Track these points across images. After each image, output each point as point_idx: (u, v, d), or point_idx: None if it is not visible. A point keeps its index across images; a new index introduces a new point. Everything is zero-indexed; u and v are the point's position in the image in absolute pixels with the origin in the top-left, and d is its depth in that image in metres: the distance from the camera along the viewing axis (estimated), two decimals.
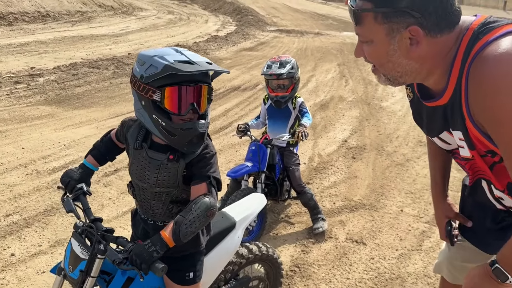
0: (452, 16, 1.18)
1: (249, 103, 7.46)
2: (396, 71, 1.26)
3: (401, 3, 1.13)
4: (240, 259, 2.18)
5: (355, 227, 3.65)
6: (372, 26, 1.19)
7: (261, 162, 3.30)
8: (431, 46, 1.19)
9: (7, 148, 4.97)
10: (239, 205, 2.28)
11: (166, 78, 1.52)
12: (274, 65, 3.48)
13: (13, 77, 7.99)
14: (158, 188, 1.71)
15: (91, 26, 15.54)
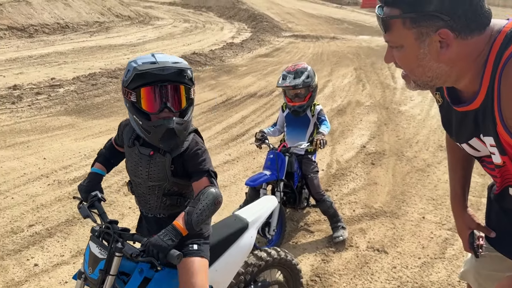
0: (482, 18, 1.16)
1: (266, 109, 7.46)
2: (427, 76, 1.24)
3: (429, 7, 1.12)
4: (259, 262, 2.22)
5: (376, 235, 3.60)
6: (401, 31, 1.19)
7: (280, 171, 3.29)
8: (461, 48, 1.17)
9: (30, 159, 5.06)
10: (250, 207, 2.33)
11: (139, 80, 1.65)
12: (289, 76, 3.46)
13: (34, 88, 8.17)
14: (150, 182, 1.83)
15: (109, 36, 15.79)
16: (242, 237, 2.09)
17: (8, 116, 6.74)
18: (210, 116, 7.06)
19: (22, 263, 3.15)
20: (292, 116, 3.63)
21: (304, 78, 3.42)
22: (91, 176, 1.99)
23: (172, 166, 1.79)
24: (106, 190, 4.31)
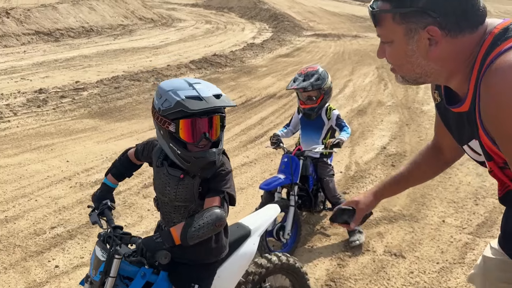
0: (474, 16, 1.14)
1: (285, 110, 7.45)
2: (416, 72, 1.24)
3: (418, 2, 1.12)
4: (259, 269, 2.23)
5: (394, 239, 3.56)
6: (391, 26, 1.19)
7: (294, 174, 3.28)
8: (451, 47, 1.16)
9: (53, 162, 5.20)
10: (253, 215, 2.35)
11: (179, 111, 1.66)
12: (299, 78, 3.45)
13: (59, 91, 8.38)
14: (177, 202, 1.86)
15: (132, 39, 16.05)
16: (245, 244, 2.12)
17: (34, 119, 6.94)
18: (229, 118, 7.09)
19: (44, 265, 3.25)
20: (305, 119, 3.62)
21: (314, 81, 3.40)
22: (103, 187, 2.07)
23: (200, 188, 1.82)
24: (126, 193, 4.40)
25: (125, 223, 3.80)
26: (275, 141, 3.51)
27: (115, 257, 1.74)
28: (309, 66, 3.59)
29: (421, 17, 1.13)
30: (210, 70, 10.77)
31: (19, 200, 4.24)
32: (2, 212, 4.02)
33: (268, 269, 2.26)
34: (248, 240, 2.13)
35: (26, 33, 14.60)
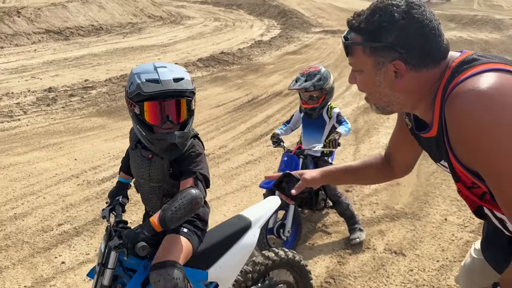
0: (437, 53, 1.22)
1: (291, 108, 7.47)
2: (383, 101, 1.32)
3: (387, 38, 1.19)
4: (266, 261, 2.29)
5: (395, 237, 3.58)
6: (362, 57, 1.27)
7: None
8: (415, 80, 1.24)
9: (61, 160, 5.30)
10: (253, 207, 2.39)
11: (137, 94, 1.75)
12: (301, 79, 3.49)
13: (68, 90, 8.50)
14: (152, 183, 1.97)
15: (141, 37, 16.16)
16: (245, 236, 2.17)
17: (43, 118, 7.06)
18: (235, 116, 7.15)
19: (51, 261, 3.34)
20: (307, 119, 3.66)
21: (316, 81, 3.44)
22: (117, 184, 2.20)
23: (171, 169, 1.90)
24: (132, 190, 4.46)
25: (130, 220, 3.87)
26: (276, 140, 3.55)
27: (112, 248, 1.79)
28: (311, 66, 3.62)
29: (389, 52, 1.21)
30: (218, 68, 10.83)
31: (28, 198, 4.34)
32: (12, 209, 4.12)
33: (274, 262, 2.32)
34: (248, 231, 2.18)
35: (36, 32, 14.78)
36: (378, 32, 1.21)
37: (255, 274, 2.27)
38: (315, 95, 3.51)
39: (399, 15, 1.19)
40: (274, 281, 2.37)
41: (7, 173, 4.91)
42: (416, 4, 1.22)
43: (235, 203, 4.15)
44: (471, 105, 1.12)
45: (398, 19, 1.19)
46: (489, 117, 1.10)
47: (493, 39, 14.76)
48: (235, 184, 4.66)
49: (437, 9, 25.86)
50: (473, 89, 1.13)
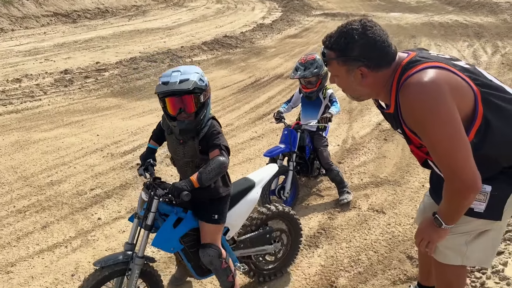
0: (388, 58, 1.84)
1: (291, 90, 8.06)
2: (355, 94, 1.98)
3: (352, 53, 1.81)
4: (267, 211, 2.93)
5: (377, 199, 4.22)
6: (336, 67, 1.89)
7: (292, 144, 3.95)
8: (375, 78, 1.87)
9: (85, 135, 5.92)
10: (256, 172, 3.02)
11: (163, 93, 2.34)
12: (300, 68, 4.06)
13: (83, 72, 9.08)
14: (186, 158, 2.51)
15: (146, 20, 16.61)
16: (250, 193, 2.80)
17: (63, 98, 7.66)
18: (240, 97, 7.74)
19: (88, 217, 3.99)
20: (306, 100, 4.28)
21: (313, 69, 4.02)
22: (147, 149, 2.75)
23: (200, 147, 2.47)
24: None
25: None
26: (278, 117, 4.17)
27: (154, 198, 2.39)
28: (308, 55, 4.18)
29: (355, 62, 1.82)
30: (221, 51, 11.36)
31: (60, 168, 4.97)
32: (48, 177, 4.76)
33: (272, 213, 2.95)
34: (253, 190, 2.81)
35: (45, 14, 15.25)
36: (345, 49, 1.81)
37: (258, 221, 2.91)
38: (313, 81, 4.10)
39: (358, 36, 1.78)
40: (270, 228, 3.00)
41: (38, 146, 5.54)
42: (369, 26, 1.81)
43: (241, 172, 4.78)
44: (417, 93, 1.74)
45: (357, 39, 1.79)
46: (427, 100, 1.71)
47: (487, 23, 15.19)
48: (241, 157, 5.29)
49: None
50: (418, 81, 1.74)
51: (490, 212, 1.91)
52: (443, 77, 1.76)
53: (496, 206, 1.91)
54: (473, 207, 1.90)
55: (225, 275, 2.61)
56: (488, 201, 1.89)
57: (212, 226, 2.54)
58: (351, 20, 1.88)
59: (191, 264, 2.58)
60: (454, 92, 1.74)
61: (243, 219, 2.80)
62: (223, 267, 2.57)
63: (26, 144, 5.60)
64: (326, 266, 3.28)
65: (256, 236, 2.90)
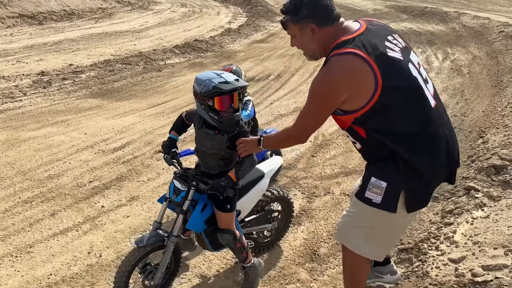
0: (331, 17, 2.21)
1: (263, 92, 8.66)
2: (310, 51, 2.33)
3: (302, 13, 2.21)
4: (266, 198, 3.44)
5: (348, 186, 4.87)
6: (292, 27, 2.29)
7: None
8: (321, 35, 2.23)
9: (73, 134, 6.25)
10: (265, 162, 3.52)
11: (214, 93, 2.71)
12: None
13: (60, 74, 9.28)
14: (212, 151, 2.87)
15: (113, 23, 16.74)
16: (261, 182, 3.28)
17: (43, 99, 7.89)
18: None
19: (92, 206, 4.39)
20: None
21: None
22: (169, 139, 3.09)
23: (228, 142, 2.81)
24: (142, 157, 5.53)
25: (147, 178, 4.96)
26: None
27: (192, 188, 2.83)
28: (224, 67, 4.05)
29: (304, 20, 2.20)
30: (193, 55, 11.81)
31: (56, 163, 5.31)
32: (45, 171, 5.09)
33: (271, 198, 3.49)
34: (262, 179, 3.29)
35: (10, 16, 15.10)
36: (296, 11, 2.20)
37: (260, 205, 3.45)
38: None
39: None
40: (270, 210, 3.56)
41: (30, 144, 5.83)
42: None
43: None
44: (321, 72, 2.13)
45: (304, 1, 2.18)
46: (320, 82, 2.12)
47: (438, 31, 16.41)
48: None
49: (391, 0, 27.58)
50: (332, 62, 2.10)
51: (386, 204, 2.18)
52: (347, 66, 2.08)
53: (391, 199, 2.17)
54: (372, 198, 2.19)
55: (239, 252, 3.09)
56: (383, 194, 2.16)
57: (226, 215, 2.98)
58: None
59: (208, 239, 3.06)
60: (352, 79, 2.08)
61: (253, 204, 3.31)
62: (238, 247, 3.05)
63: (17, 142, 5.87)
64: (308, 240, 3.87)
65: (260, 216, 3.44)
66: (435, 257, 3.34)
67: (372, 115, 2.12)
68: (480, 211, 3.86)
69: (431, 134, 2.20)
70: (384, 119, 2.14)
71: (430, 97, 2.24)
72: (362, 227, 2.34)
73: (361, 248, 2.37)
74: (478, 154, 5.24)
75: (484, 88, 8.92)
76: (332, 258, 3.64)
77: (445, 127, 2.28)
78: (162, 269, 2.91)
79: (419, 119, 2.17)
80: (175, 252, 2.99)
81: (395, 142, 2.15)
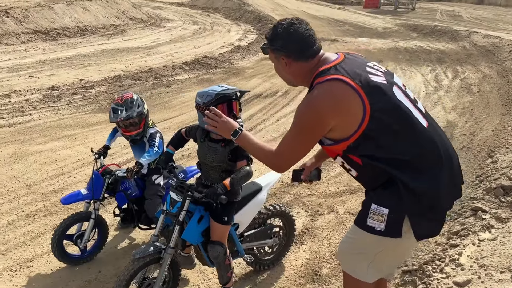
0: (307, 54, 2.15)
1: (270, 108, 8.66)
2: (285, 79, 2.32)
3: (277, 43, 2.18)
4: (266, 212, 3.41)
5: (352, 205, 4.80)
6: (270, 54, 2.26)
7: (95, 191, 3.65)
8: (296, 68, 2.20)
9: (80, 148, 6.29)
10: (263, 177, 3.51)
11: (216, 101, 2.77)
12: (120, 109, 3.53)
13: (70, 89, 9.40)
14: (214, 163, 2.93)
15: (125, 39, 17.00)
16: (258, 195, 3.29)
17: (52, 113, 7.98)
18: None
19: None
20: (133, 144, 3.87)
21: (136, 108, 3.54)
22: (166, 154, 3.16)
23: (229, 155, 2.88)
24: None
25: None
26: (98, 153, 3.89)
27: (187, 198, 2.83)
28: (123, 94, 3.65)
29: (279, 51, 2.17)
30: (202, 71, 11.90)
31: (61, 177, 5.33)
32: (50, 185, 5.11)
33: (272, 212, 3.47)
34: (260, 193, 3.30)
35: (25, 32, 15.43)
36: (273, 40, 2.18)
37: (260, 220, 3.42)
38: (137, 121, 3.59)
39: (281, 30, 2.15)
40: (271, 225, 3.52)
41: (36, 158, 5.88)
42: (295, 22, 2.15)
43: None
44: (307, 99, 2.06)
45: (280, 32, 2.15)
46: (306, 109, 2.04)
47: (448, 49, 16.38)
48: None
49: (402, 18, 27.69)
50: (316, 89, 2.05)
51: (390, 231, 2.10)
52: (333, 92, 2.04)
53: (394, 225, 2.09)
54: (374, 226, 2.12)
55: (225, 270, 3.06)
56: (386, 221, 2.09)
57: (222, 227, 2.98)
58: (284, 18, 2.24)
59: (207, 254, 3.04)
60: (339, 105, 2.03)
61: (251, 217, 3.29)
62: (226, 263, 3.02)
63: (23, 156, 5.92)
64: (310, 259, 3.81)
65: (260, 231, 3.41)
66: (439, 280, 3.25)
67: (364, 141, 2.07)
68: (487, 233, 3.76)
69: (426, 155, 2.13)
70: (378, 145, 2.08)
71: (421, 117, 2.18)
72: (364, 253, 2.26)
73: (365, 275, 2.29)
74: (487, 174, 5.14)
75: (494, 107, 8.83)
76: (334, 279, 3.56)
77: (442, 145, 2.20)
78: (160, 282, 2.88)
79: (412, 141, 2.11)
80: (173, 267, 2.96)
81: (392, 167, 2.09)
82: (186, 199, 2.85)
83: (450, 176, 2.20)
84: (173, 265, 2.96)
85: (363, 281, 2.30)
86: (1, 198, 4.76)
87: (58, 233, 3.49)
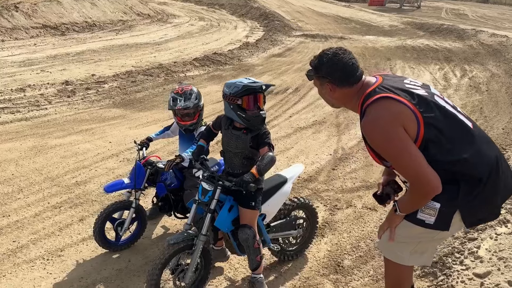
0: (351, 80, 2.34)
1: (282, 105, 8.76)
2: (329, 102, 2.52)
3: (322, 71, 2.37)
4: (291, 203, 3.55)
5: (369, 200, 4.91)
6: (315, 81, 2.46)
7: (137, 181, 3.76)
8: (340, 94, 2.39)
9: (98, 142, 6.40)
10: (287, 169, 3.65)
11: (243, 92, 2.92)
12: (179, 98, 3.77)
13: (83, 84, 9.51)
14: (237, 150, 3.07)
15: (133, 35, 17.09)
16: (284, 187, 3.42)
17: (67, 108, 8.09)
18: None
19: None
20: (184, 133, 4.01)
21: (193, 100, 3.78)
22: (198, 147, 3.29)
23: (251, 142, 3.05)
24: None
25: None
26: (141, 144, 3.98)
27: (218, 188, 2.97)
28: (184, 86, 3.90)
29: (323, 78, 2.37)
30: (212, 68, 12.00)
31: (82, 170, 5.45)
32: (72, 178, 5.23)
33: (297, 204, 3.60)
34: (286, 184, 3.43)
35: (34, 26, 15.53)
36: (317, 68, 2.38)
37: (285, 212, 3.54)
38: (192, 113, 3.80)
39: (326, 59, 2.34)
40: (295, 216, 3.64)
41: (56, 151, 5.99)
42: (339, 52, 2.33)
43: None
44: (373, 125, 2.17)
45: (325, 61, 2.34)
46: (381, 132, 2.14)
47: (455, 48, 16.44)
48: None
49: (407, 16, 27.72)
50: (373, 114, 2.17)
51: (439, 224, 2.23)
52: (388, 108, 2.17)
53: (445, 219, 2.22)
54: (424, 219, 2.23)
55: (255, 254, 3.18)
56: (437, 215, 2.20)
57: (250, 211, 3.12)
58: (330, 47, 2.40)
59: (236, 243, 3.16)
60: (399, 118, 2.14)
61: (277, 208, 3.42)
62: (255, 247, 3.15)
63: (43, 149, 6.04)
64: (332, 251, 3.92)
65: (285, 222, 3.53)
66: (459, 272, 3.36)
67: (425, 148, 2.17)
68: (504, 227, 3.87)
69: (481, 152, 2.24)
70: (437, 149, 2.17)
71: (466, 120, 2.32)
72: (408, 243, 2.38)
73: (407, 260, 2.42)
74: None
75: (504, 105, 8.91)
76: (356, 270, 3.68)
77: (489, 144, 2.34)
78: (192, 268, 3.01)
79: (468, 140, 2.23)
80: (205, 255, 3.08)
81: (452, 166, 2.18)
82: (217, 188, 2.99)
83: (505, 167, 2.33)
84: (205, 254, 3.08)
85: (405, 265, 2.44)
86: (27, 189, 4.87)
87: (102, 218, 3.65)
